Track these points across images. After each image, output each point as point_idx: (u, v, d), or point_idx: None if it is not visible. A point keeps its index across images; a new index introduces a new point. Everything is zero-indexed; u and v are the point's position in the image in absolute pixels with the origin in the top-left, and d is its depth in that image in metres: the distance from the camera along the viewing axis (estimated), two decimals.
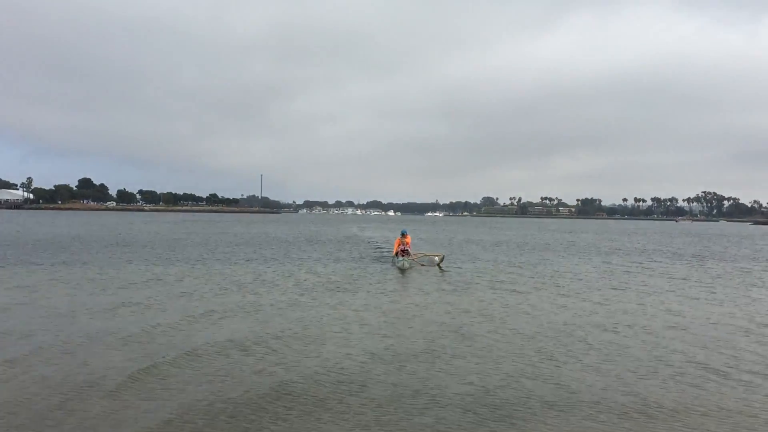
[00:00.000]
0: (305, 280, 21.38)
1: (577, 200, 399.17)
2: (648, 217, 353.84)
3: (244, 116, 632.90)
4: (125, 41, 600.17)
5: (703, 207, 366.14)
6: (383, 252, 35.89)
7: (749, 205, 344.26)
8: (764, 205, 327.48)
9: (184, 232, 59.21)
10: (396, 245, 28.51)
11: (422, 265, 27.35)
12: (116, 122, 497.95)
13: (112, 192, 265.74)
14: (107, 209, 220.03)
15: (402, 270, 25.34)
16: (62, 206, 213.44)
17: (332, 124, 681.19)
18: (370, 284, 20.59)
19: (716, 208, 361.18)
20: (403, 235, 28.38)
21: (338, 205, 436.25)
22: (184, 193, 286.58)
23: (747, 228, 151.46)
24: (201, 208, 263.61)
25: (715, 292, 20.16)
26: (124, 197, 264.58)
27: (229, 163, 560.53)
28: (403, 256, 27.12)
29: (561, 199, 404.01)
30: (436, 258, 28.27)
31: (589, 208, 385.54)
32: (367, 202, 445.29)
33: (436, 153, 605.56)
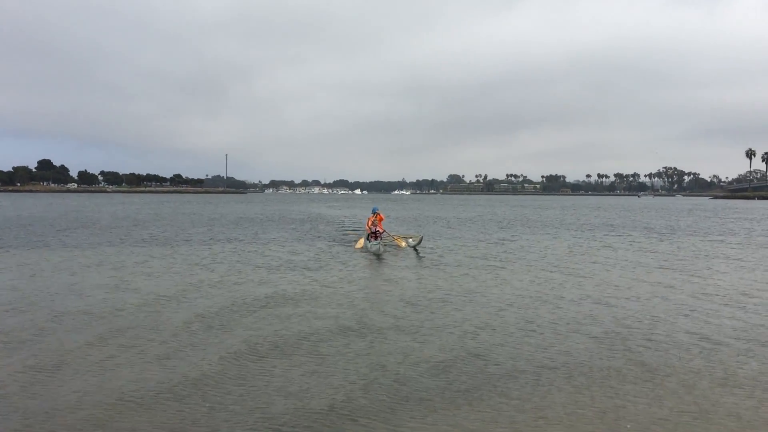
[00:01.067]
0: (277, 259, 21.41)
1: (542, 177, 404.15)
2: (611, 193, 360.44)
3: (208, 96, 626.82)
4: (86, 21, 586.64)
5: (665, 182, 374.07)
6: (351, 232, 35.94)
7: (709, 180, 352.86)
8: (723, 179, 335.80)
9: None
10: (368, 224, 25.59)
11: (398, 247, 24.77)
12: (77, 103, 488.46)
13: (73, 173, 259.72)
14: (68, 191, 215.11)
15: (377, 255, 22.22)
16: (21, 188, 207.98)
17: (298, 103, 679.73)
18: (341, 263, 20.62)
19: (677, 183, 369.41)
20: (374, 213, 25.59)
21: (305, 184, 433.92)
22: (148, 174, 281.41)
23: (705, 202, 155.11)
24: (165, 189, 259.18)
25: (677, 264, 20.77)
26: (86, 179, 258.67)
27: (194, 144, 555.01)
28: (375, 238, 24.26)
29: (526, 176, 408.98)
30: (411, 240, 25.24)
31: (554, 185, 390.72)
32: (334, 181, 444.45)
33: (402, 132, 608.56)
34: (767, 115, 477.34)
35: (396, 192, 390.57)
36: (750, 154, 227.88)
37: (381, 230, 25.38)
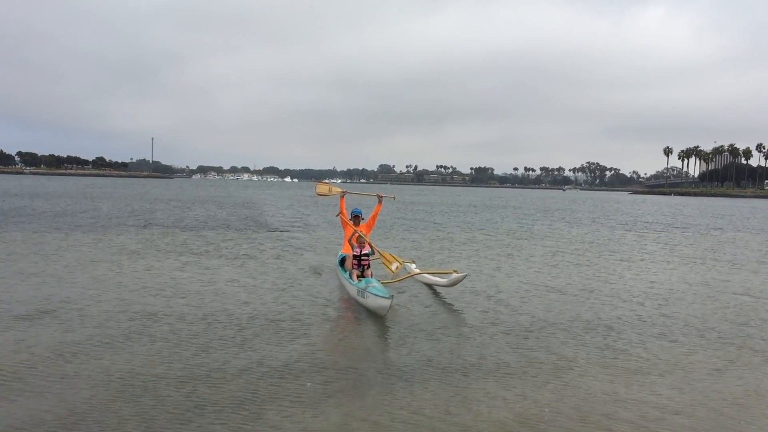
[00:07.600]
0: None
1: (471, 168, 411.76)
2: (537, 186, 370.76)
3: (139, 80, 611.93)
4: (18, 1, 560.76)
5: (587, 177, 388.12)
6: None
7: (628, 176, 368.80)
8: (642, 175, 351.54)
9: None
10: (347, 237, 13.79)
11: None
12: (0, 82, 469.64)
13: None
14: None
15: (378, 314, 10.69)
16: None
17: (229, 90, 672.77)
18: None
19: (599, 178, 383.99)
20: (356, 216, 14.21)
21: (234, 170, 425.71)
22: (68, 156, 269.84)
23: (623, 196, 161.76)
24: (87, 171, 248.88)
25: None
26: (1, 159, 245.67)
27: (119, 126, 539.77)
28: (362, 272, 12.60)
29: (455, 167, 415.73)
30: (439, 278, 13.58)
31: (482, 177, 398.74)
32: (264, 168, 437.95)
33: (333, 121, 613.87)
34: (681, 115, 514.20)
35: (327, 181, 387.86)
36: (667, 151, 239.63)
37: (370, 246, 13.19)
